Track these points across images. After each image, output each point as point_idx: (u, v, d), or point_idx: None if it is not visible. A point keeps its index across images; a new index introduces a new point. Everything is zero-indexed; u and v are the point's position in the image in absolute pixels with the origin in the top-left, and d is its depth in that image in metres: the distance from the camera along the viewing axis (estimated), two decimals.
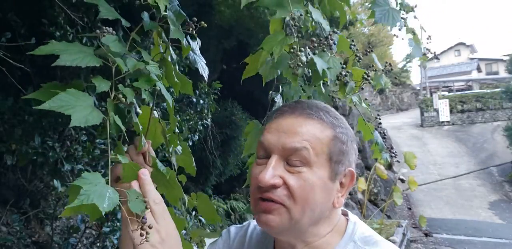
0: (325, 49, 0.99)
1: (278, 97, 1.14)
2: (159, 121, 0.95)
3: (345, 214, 0.86)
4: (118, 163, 0.73)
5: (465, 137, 18.92)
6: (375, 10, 1.13)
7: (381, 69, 1.20)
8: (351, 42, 1.12)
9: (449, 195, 12.04)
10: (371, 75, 1.09)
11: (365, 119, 1.20)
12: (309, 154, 0.75)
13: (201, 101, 3.99)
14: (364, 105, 1.14)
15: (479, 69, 36.31)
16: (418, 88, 29.99)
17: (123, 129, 0.72)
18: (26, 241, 2.52)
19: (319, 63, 0.94)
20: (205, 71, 1.00)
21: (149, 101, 0.79)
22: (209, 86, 4.14)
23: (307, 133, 0.76)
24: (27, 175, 2.70)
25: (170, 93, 0.85)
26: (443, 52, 40.80)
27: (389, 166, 11.31)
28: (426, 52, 1.21)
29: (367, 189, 6.69)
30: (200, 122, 3.97)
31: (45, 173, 2.72)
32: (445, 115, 21.74)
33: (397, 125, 21.55)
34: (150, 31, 0.88)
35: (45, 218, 2.77)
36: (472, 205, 11.18)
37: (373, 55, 1.25)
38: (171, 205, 0.89)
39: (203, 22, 0.91)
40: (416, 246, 7.55)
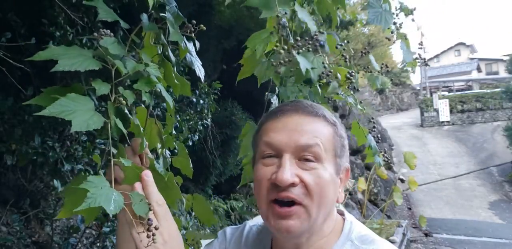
0: (310, 49, 0.99)
1: (274, 98, 1.15)
2: (155, 122, 0.95)
3: (341, 214, 0.87)
4: (115, 165, 0.72)
5: (465, 137, 18.92)
6: (368, 11, 1.14)
7: (377, 71, 1.20)
8: (342, 42, 1.12)
9: (449, 195, 12.03)
10: (354, 75, 1.10)
11: (365, 119, 1.20)
12: (321, 150, 0.76)
13: (201, 101, 3.99)
14: (359, 107, 1.15)
15: (479, 69, 36.30)
16: (418, 88, 29.97)
17: (125, 131, 0.72)
18: (26, 241, 2.52)
19: (303, 62, 0.93)
20: (201, 72, 1.01)
21: (150, 103, 0.79)
22: (209, 86, 4.14)
23: (316, 130, 0.78)
24: (27, 175, 2.70)
25: (169, 94, 0.85)
26: (443, 52, 40.81)
27: (389, 166, 11.31)
28: (416, 57, 1.21)
29: (367, 189, 6.67)
30: (200, 122, 3.96)
31: (45, 173, 2.72)
32: (445, 115, 21.74)
33: (397, 125, 21.54)
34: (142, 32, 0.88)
35: (45, 218, 2.77)
36: (472, 205, 11.17)
37: (370, 57, 1.25)
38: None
39: (202, 24, 0.91)
40: (416, 246, 7.54)
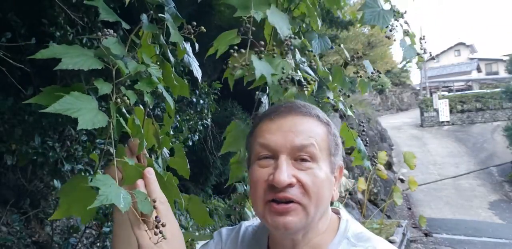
0: (274, 55, 0.99)
1: (264, 98, 1.15)
2: (152, 123, 0.95)
3: (337, 213, 0.88)
4: (112, 165, 0.72)
5: (465, 137, 18.92)
6: (365, 11, 1.12)
7: (367, 76, 1.20)
8: (339, 43, 1.12)
9: (449, 195, 12.04)
10: (314, 80, 1.10)
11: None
12: (316, 150, 0.77)
13: (201, 101, 3.98)
14: (349, 113, 1.15)
15: (479, 69, 36.30)
16: (418, 88, 30.00)
17: (129, 131, 0.73)
18: (26, 241, 2.52)
19: (259, 67, 0.93)
20: (198, 73, 1.01)
21: (151, 103, 0.79)
22: (209, 86, 4.14)
23: (310, 130, 0.79)
24: (27, 175, 2.70)
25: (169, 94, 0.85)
26: (443, 52, 40.80)
27: (389, 166, 11.31)
28: (421, 52, 1.20)
29: (367, 189, 6.68)
30: (200, 122, 3.96)
31: (45, 173, 2.72)
32: (445, 115, 21.75)
33: (397, 125, 21.55)
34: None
35: (45, 218, 2.77)
36: (472, 205, 11.18)
37: (364, 62, 1.24)
38: None
39: (202, 25, 0.91)
40: (416, 246, 7.55)
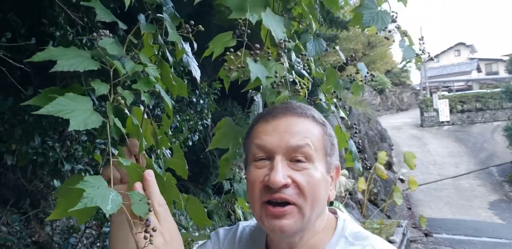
0: (269, 58, 1.00)
1: (258, 97, 1.15)
2: (151, 123, 0.95)
3: (334, 212, 0.88)
4: (108, 165, 0.72)
5: (465, 137, 18.91)
6: (363, 12, 1.12)
7: (360, 80, 1.21)
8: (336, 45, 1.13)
9: (449, 195, 12.03)
10: (306, 84, 1.11)
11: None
12: (311, 150, 0.78)
13: (201, 101, 3.98)
14: (342, 114, 1.16)
15: (479, 69, 36.29)
16: (418, 88, 29.97)
17: (124, 131, 0.72)
18: (26, 241, 2.52)
19: (254, 70, 0.93)
20: (197, 73, 1.02)
21: (148, 103, 0.79)
22: (209, 86, 4.14)
23: (305, 131, 0.79)
24: (27, 175, 2.70)
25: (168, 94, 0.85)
26: (443, 52, 40.80)
27: (389, 166, 11.30)
28: (420, 53, 1.19)
29: (367, 189, 6.68)
30: (200, 122, 3.96)
31: (45, 173, 2.72)
32: (445, 115, 21.74)
33: (397, 125, 21.54)
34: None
35: (45, 218, 2.77)
36: (472, 205, 11.17)
37: (359, 65, 1.24)
38: None
39: (202, 25, 0.91)
40: (416, 246, 7.55)
